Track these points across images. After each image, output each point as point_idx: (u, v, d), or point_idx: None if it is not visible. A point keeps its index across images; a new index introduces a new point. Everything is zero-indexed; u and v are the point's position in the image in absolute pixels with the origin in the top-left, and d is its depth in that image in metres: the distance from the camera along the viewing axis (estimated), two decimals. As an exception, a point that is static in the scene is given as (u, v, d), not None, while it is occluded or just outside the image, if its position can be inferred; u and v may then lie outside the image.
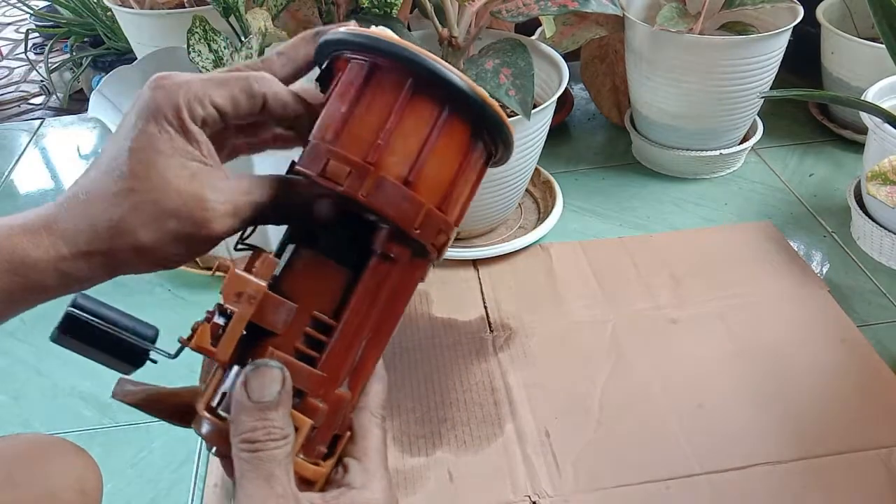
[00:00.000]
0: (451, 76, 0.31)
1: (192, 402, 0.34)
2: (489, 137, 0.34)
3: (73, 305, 0.33)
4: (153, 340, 0.34)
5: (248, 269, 0.33)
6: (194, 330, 0.32)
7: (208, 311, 0.33)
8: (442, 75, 0.31)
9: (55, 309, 0.34)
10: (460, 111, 0.32)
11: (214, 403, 0.33)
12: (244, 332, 0.32)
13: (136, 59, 1.13)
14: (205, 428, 0.33)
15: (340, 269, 0.33)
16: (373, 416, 0.36)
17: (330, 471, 0.35)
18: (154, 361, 0.35)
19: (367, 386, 0.37)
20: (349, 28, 0.33)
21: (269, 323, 0.32)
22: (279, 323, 0.32)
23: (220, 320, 0.32)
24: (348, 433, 0.36)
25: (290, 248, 0.35)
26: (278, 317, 0.32)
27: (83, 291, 0.34)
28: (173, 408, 0.35)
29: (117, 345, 0.33)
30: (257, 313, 0.32)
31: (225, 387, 0.33)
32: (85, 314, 0.33)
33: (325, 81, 0.35)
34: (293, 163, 0.35)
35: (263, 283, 0.32)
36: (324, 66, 0.35)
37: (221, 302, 0.32)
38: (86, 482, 0.57)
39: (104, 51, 1.65)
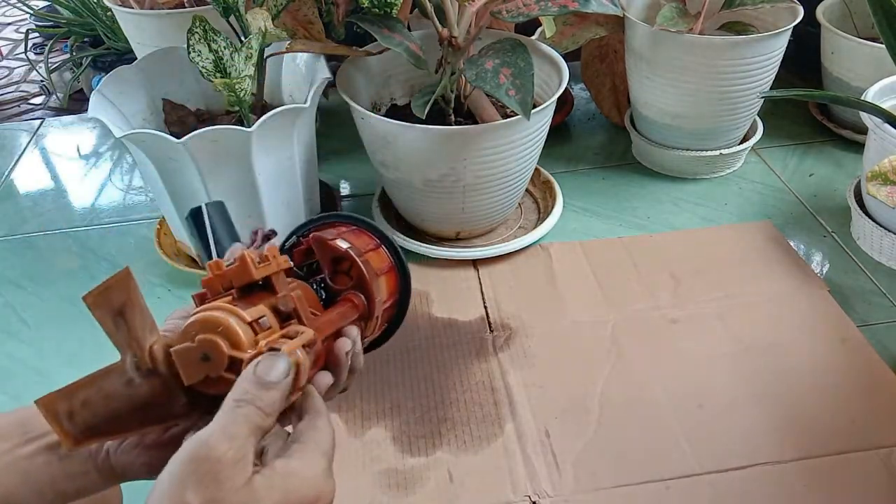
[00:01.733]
0: (397, 248, 0.56)
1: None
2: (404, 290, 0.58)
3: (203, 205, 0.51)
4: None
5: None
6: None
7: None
8: (394, 247, 0.57)
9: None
10: (394, 264, 0.57)
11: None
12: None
13: (136, 59, 1.13)
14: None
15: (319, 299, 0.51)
16: (324, 404, 0.43)
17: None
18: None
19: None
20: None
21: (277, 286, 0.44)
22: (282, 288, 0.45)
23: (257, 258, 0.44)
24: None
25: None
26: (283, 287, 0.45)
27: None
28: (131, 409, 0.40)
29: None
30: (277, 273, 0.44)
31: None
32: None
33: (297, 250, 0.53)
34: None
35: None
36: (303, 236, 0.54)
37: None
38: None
39: (104, 51, 1.65)
